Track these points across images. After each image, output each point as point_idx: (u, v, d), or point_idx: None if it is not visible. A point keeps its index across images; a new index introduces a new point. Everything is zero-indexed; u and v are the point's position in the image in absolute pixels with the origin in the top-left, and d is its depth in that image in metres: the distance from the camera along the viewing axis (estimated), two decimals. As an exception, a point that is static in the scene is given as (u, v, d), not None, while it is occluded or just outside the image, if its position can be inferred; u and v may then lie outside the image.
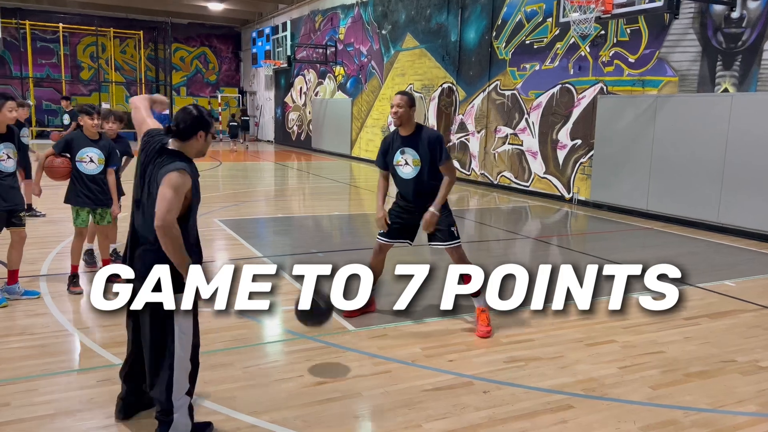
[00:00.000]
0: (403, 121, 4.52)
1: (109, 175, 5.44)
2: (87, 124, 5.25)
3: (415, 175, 4.56)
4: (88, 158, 5.27)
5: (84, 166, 5.27)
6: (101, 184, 5.38)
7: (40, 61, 27.74)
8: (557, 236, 8.85)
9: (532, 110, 12.50)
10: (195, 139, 2.87)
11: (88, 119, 5.22)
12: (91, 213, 5.44)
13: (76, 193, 5.31)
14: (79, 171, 5.27)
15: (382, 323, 4.71)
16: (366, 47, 19.23)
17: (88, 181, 5.29)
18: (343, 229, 9.03)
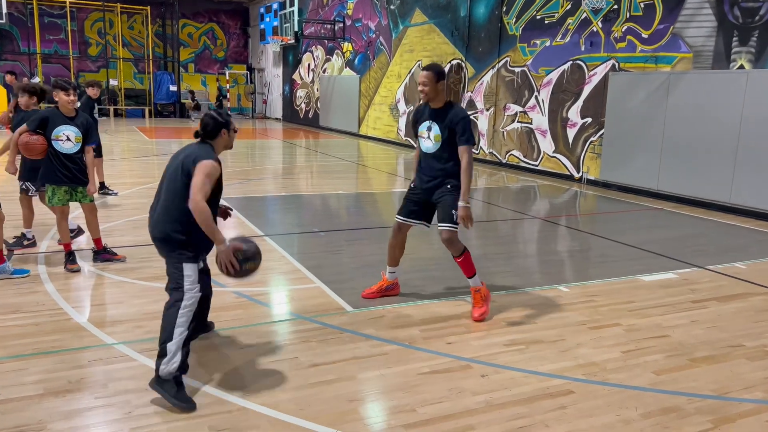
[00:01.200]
0: (431, 97, 4.39)
1: (87, 153, 5.27)
2: (63, 101, 5.05)
3: (435, 150, 4.43)
4: (65, 136, 5.09)
5: (60, 144, 5.08)
6: (79, 162, 5.22)
7: (48, 36, 27.61)
8: (566, 216, 8.69)
9: (542, 87, 12.25)
10: (220, 137, 3.49)
11: (63, 95, 5.02)
12: (71, 192, 5.27)
13: (53, 171, 5.12)
14: (55, 149, 5.08)
15: (381, 304, 4.62)
16: (374, 23, 18.93)
17: (65, 159, 5.12)
18: (348, 208, 8.92)
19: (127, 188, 9.37)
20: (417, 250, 6.30)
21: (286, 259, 5.79)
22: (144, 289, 4.82)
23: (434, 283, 5.19)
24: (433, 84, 4.34)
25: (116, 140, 17.06)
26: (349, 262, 5.79)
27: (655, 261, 6.17)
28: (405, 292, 4.92)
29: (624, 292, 5.13)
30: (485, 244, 6.76)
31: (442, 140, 4.38)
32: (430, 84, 4.33)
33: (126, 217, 7.39)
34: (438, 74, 4.35)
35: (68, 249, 5.27)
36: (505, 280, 5.38)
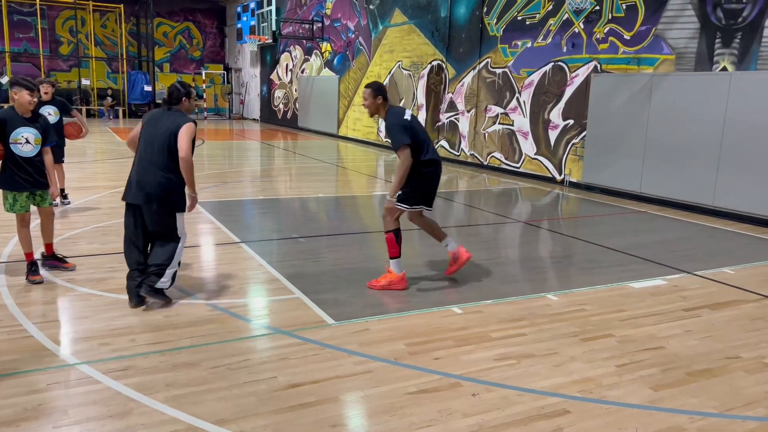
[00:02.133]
0: (373, 111, 4.95)
1: (45, 155, 4.97)
2: (24, 101, 4.72)
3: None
4: (24, 139, 4.78)
5: (19, 148, 4.77)
6: (39, 165, 4.92)
7: (17, 35, 26.86)
8: (548, 220, 8.56)
9: (524, 89, 12.13)
10: (182, 103, 4.49)
11: (27, 95, 4.71)
12: (30, 197, 4.97)
13: (11, 177, 4.80)
14: (13, 153, 4.76)
15: (365, 316, 4.40)
16: (353, 23, 18.70)
17: (24, 163, 4.81)
18: (328, 212, 8.67)
19: (98, 192, 9.01)
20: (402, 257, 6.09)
21: (264, 267, 5.53)
22: (112, 302, 4.53)
23: (419, 292, 4.97)
24: (372, 99, 4.87)
25: (88, 141, 16.57)
26: (330, 270, 5.56)
27: (643, 267, 6.04)
28: (389, 302, 4.71)
29: (614, 301, 4.98)
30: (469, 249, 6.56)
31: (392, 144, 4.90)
32: (369, 98, 4.88)
33: (95, 223, 7.05)
34: (376, 89, 4.88)
35: (30, 258, 4.95)
36: (491, 287, 5.19)
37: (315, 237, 6.87)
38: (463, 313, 4.55)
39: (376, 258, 6.03)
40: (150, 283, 4.32)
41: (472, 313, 4.55)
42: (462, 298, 4.88)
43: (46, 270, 5.14)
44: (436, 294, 4.96)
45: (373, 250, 6.35)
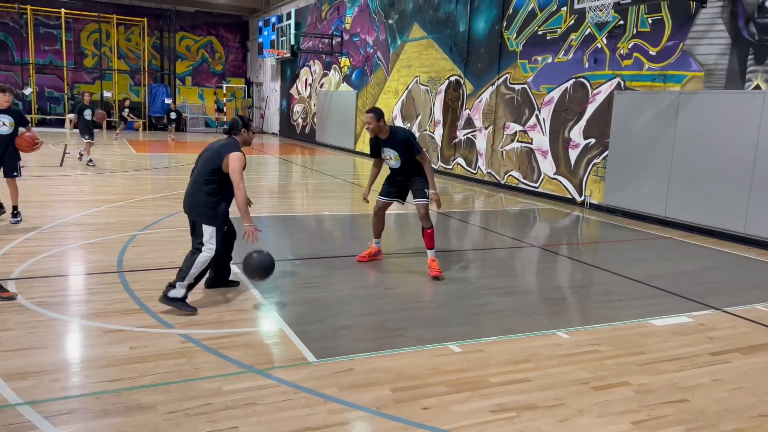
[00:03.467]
0: (376, 132, 5.91)
1: None
2: None
3: (399, 165, 6.02)
4: None
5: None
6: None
7: (43, 47, 27.22)
8: (566, 244, 8.05)
9: (544, 106, 11.67)
10: (241, 134, 4.85)
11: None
12: None
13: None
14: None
15: (352, 352, 3.97)
16: (372, 37, 18.45)
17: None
18: (333, 232, 8.28)
19: (96, 206, 8.74)
20: (401, 283, 5.66)
21: (250, 293, 5.14)
22: (81, 329, 4.17)
23: (416, 325, 4.53)
24: (376, 122, 5.84)
25: (102, 153, 16.49)
26: (321, 298, 5.14)
27: (666, 301, 5.52)
28: (381, 336, 4.28)
29: (632, 340, 4.48)
30: (479, 276, 6.12)
31: (401, 157, 5.94)
32: (373, 122, 5.83)
33: (86, 239, 6.75)
34: (377, 114, 5.85)
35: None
36: (497, 321, 4.73)
37: (313, 259, 6.47)
38: (462, 352, 4.10)
39: (374, 284, 5.60)
40: (165, 291, 4.56)
41: (472, 353, 4.09)
42: (462, 333, 4.43)
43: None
44: (433, 328, 4.51)
45: (371, 276, 5.92)
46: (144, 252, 6.27)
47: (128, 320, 4.34)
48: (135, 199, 9.41)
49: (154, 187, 10.85)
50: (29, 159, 14.04)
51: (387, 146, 5.92)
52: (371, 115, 5.82)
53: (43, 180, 11.11)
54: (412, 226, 8.93)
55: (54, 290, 4.94)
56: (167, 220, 7.96)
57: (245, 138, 4.88)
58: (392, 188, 6.20)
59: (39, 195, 9.47)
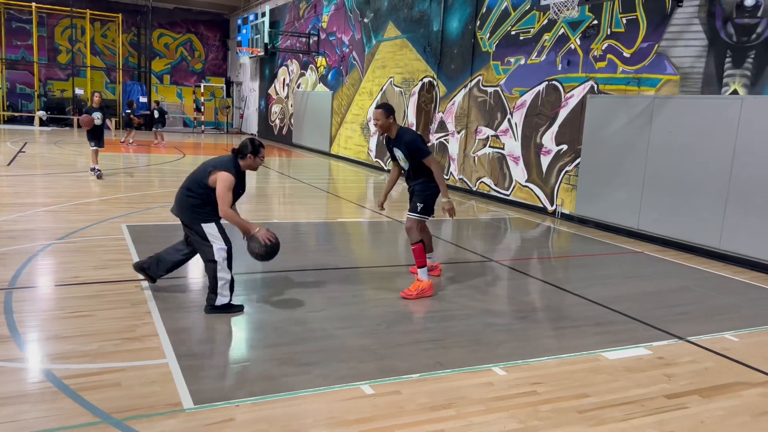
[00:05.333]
0: (385, 129, 5.45)
1: None
2: None
3: (409, 167, 5.54)
4: None
5: None
6: None
7: (15, 42, 26.44)
8: (529, 259, 7.47)
9: (516, 110, 11.11)
10: (247, 159, 4.71)
11: None
12: None
13: None
14: None
15: (238, 397, 3.34)
16: (348, 37, 17.85)
17: None
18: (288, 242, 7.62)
19: (23, 209, 8.04)
20: (333, 304, 5.04)
21: (152, 315, 4.50)
22: None
23: (330, 359, 3.91)
24: (385, 118, 5.37)
25: (58, 153, 15.77)
26: (227, 323, 4.51)
27: (625, 328, 4.94)
28: (282, 373, 3.66)
29: (579, 378, 3.89)
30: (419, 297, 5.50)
31: (408, 159, 5.46)
32: (381, 118, 5.37)
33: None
34: (387, 110, 5.38)
35: None
36: (426, 354, 4.12)
37: (249, 274, 5.84)
38: (374, 394, 3.49)
39: (302, 304, 4.98)
40: (210, 302, 4.64)
41: (386, 395, 3.48)
42: (381, 370, 3.82)
43: None
44: (349, 363, 3.90)
45: (303, 295, 5.30)
46: (50, 265, 5.62)
47: (-13, 352, 3.70)
48: (71, 203, 8.74)
49: (98, 190, 10.18)
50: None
51: (395, 146, 5.50)
52: (380, 111, 5.35)
53: (-18, 180, 10.43)
54: (381, 235, 8.32)
55: None
56: (95, 227, 7.31)
57: (250, 163, 4.72)
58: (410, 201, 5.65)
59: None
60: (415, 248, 5.40)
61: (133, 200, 9.37)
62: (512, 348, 4.37)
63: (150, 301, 4.78)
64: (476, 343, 4.39)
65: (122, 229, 7.28)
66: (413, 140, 5.39)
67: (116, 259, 5.94)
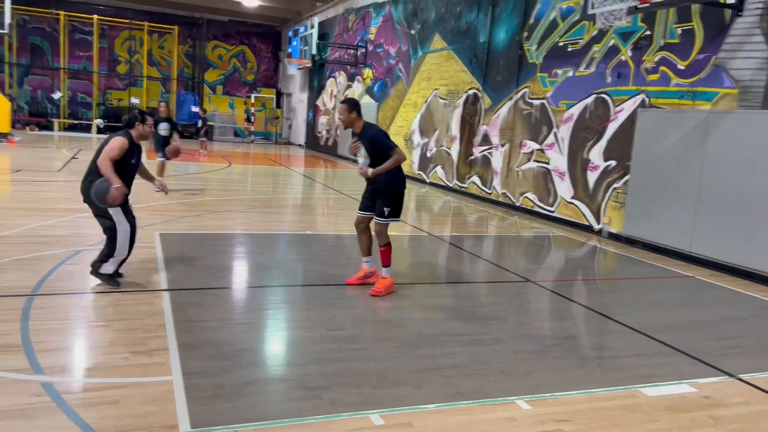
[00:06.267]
0: (348, 125, 5.53)
1: None
2: None
3: (369, 163, 5.46)
4: None
5: None
6: None
7: (77, 53, 27.53)
8: (569, 281, 7.08)
9: (562, 123, 10.70)
10: (135, 128, 5.23)
11: None
12: None
13: None
14: None
15: (238, 422, 3.15)
16: (395, 48, 17.75)
17: None
18: (317, 254, 7.49)
19: (61, 215, 8.17)
20: (353, 323, 4.82)
21: (165, 328, 4.38)
22: (-71, 369, 3.48)
23: (342, 383, 3.69)
24: (347, 113, 5.44)
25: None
26: (245, 339, 4.36)
27: (669, 361, 4.53)
28: (289, 397, 3.46)
29: (611, 417, 3.54)
30: (448, 317, 5.21)
31: (370, 156, 5.44)
32: (344, 113, 5.45)
33: (20, 254, 6.14)
34: (350, 105, 5.46)
35: None
36: (445, 382, 3.84)
37: (270, 287, 5.70)
38: (383, 426, 3.24)
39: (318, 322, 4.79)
40: (95, 267, 5.16)
41: (395, 427, 3.23)
42: (394, 397, 3.57)
43: None
44: (362, 388, 3.67)
45: (323, 311, 5.11)
46: (75, 272, 5.61)
47: (-6, 360, 3.64)
48: (110, 210, 8.85)
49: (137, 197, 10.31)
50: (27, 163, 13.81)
51: (360, 141, 5.51)
52: (344, 105, 5.45)
53: (27, 185, 10.73)
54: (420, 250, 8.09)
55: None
56: (129, 234, 7.33)
57: (140, 132, 5.23)
58: (369, 200, 5.71)
59: (8, 201, 9.03)
60: (383, 250, 5.57)
61: (171, 208, 9.43)
62: (540, 379, 4.05)
63: (167, 313, 4.68)
64: (501, 372, 4.09)
65: (155, 237, 7.28)
66: (377, 135, 5.46)
67: (141, 268, 5.89)
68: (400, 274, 6.50)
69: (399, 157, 5.42)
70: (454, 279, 6.74)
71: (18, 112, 25.98)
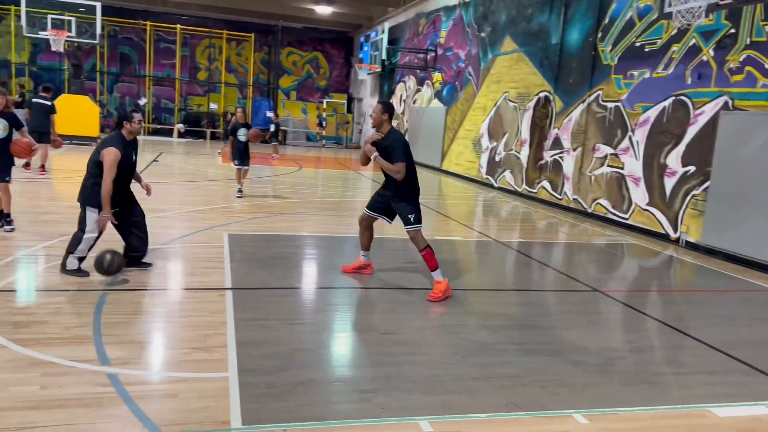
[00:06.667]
0: (376, 124, 5.66)
1: None
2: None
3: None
4: None
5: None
6: None
7: (162, 61, 28.94)
8: (648, 291, 6.77)
9: (638, 127, 10.26)
10: (124, 127, 5.40)
11: None
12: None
13: None
14: None
15: (288, 420, 3.19)
16: (464, 52, 17.61)
17: None
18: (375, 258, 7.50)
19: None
20: (408, 327, 4.79)
21: (227, 326, 4.51)
22: (7, 358, 3.73)
23: (393, 387, 3.67)
24: (379, 113, 5.59)
25: (187, 162, 16.91)
26: (301, 339, 4.42)
27: (744, 380, 4.24)
28: (340, 399, 3.47)
29: (677, 437, 3.34)
30: (508, 325, 5.09)
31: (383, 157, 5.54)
32: (376, 112, 5.60)
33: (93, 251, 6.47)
34: (385, 107, 5.61)
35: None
36: (499, 392, 3.74)
37: (324, 289, 5.77)
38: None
39: (375, 325, 4.79)
40: (62, 265, 5.41)
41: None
42: (445, 404, 3.52)
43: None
44: (413, 393, 3.63)
45: (379, 314, 5.12)
46: (147, 269, 5.88)
47: (66, 351, 3.86)
48: (183, 210, 9.23)
49: (210, 198, 10.70)
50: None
51: (384, 145, 5.62)
52: (379, 105, 5.62)
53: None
54: (485, 256, 7.99)
55: (18, 307, 4.61)
56: (199, 234, 7.62)
57: (130, 130, 5.41)
58: (380, 202, 5.89)
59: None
60: (425, 254, 5.57)
61: (241, 210, 9.72)
62: (601, 393, 3.88)
63: (229, 311, 4.82)
64: (560, 384, 3.94)
65: (223, 237, 7.52)
66: (396, 141, 5.54)
67: (208, 267, 6.10)
68: (461, 280, 6.43)
69: (400, 170, 5.49)
70: (518, 286, 6.58)
71: (107, 118, 27.62)
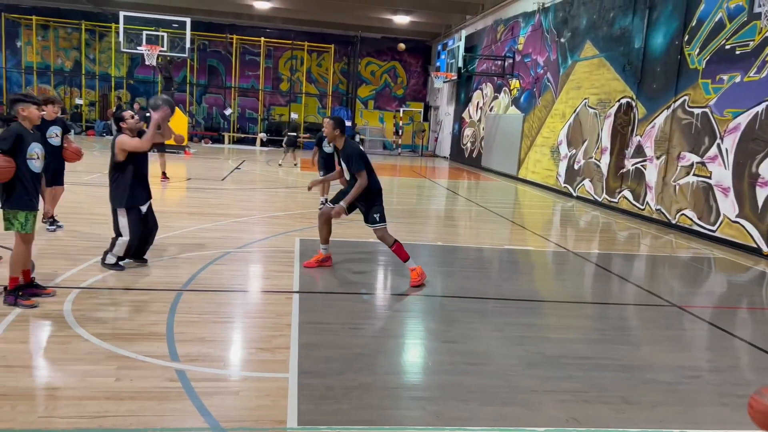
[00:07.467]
0: (331, 140, 6.14)
1: None
2: (33, 116, 4.65)
3: (350, 177, 6.10)
4: (36, 155, 4.68)
5: (33, 163, 4.67)
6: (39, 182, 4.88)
7: (246, 72, 30.16)
8: (734, 308, 6.37)
9: (727, 134, 9.67)
10: (123, 127, 5.72)
11: (35, 110, 4.65)
12: None
13: (27, 195, 4.65)
14: (27, 170, 4.63)
15: (342, 423, 3.24)
16: (543, 58, 17.25)
17: (34, 180, 4.71)
18: (433, 265, 7.49)
19: (218, 219, 8.96)
20: (473, 336, 4.74)
21: (291, 327, 4.63)
22: (89, 351, 4.01)
23: (450, 396, 3.65)
24: (331, 129, 6.04)
25: (267, 171, 17.49)
26: (360, 343, 4.47)
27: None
28: (395, 405, 3.48)
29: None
30: (576, 338, 4.93)
31: (347, 168, 6.09)
32: (328, 127, 6.07)
33: (177, 253, 6.83)
34: (335, 123, 6.05)
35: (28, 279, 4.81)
36: (560, 406, 3.63)
37: (392, 295, 5.81)
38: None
39: (436, 333, 4.77)
40: (103, 258, 5.89)
41: (498, 447, 3.13)
42: (501, 416, 3.45)
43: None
44: (469, 403, 3.59)
45: (442, 322, 5.09)
46: (221, 271, 6.14)
47: (141, 346, 4.09)
48: (260, 216, 9.56)
49: (287, 204, 11.02)
50: (199, 172, 15.31)
51: (341, 156, 6.14)
52: (330, 121, 6.06)
53: (195, 192, 11.91)
54: (560, 267, 7.80)
55: (98, 303, 4.93)
56: (273, 239, 7.87)
57: (129, 126, 5.70)
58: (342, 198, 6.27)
59: (177, 206, 10.08)
60: (395, 249, 6.04)
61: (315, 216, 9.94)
62: (670, 413, 3.68)
63: (294, 314, 4.95)
64: (625, 401, 3.78)
65: (295, 242, 7.72)
66: (350, 153, 5.97)
67: (279, 270, 6.30)
68: (533, 291, 6.29)
69: (362, 182, 5.90)
70: (592, 299, 6.35)
71: (196, 127, 29.07)
